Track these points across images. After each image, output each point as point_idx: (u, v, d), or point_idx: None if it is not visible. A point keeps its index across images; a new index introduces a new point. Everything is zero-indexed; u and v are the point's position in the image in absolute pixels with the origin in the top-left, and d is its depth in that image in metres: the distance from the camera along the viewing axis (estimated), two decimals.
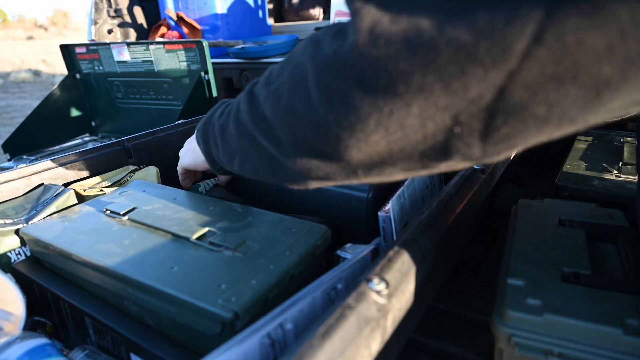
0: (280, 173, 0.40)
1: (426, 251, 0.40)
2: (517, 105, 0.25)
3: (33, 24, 17.36)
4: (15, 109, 5.36)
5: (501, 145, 0.28)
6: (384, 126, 0.28)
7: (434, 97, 0.26)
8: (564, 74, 0.23)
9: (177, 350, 0.41)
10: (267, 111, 0.37)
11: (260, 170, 0.42)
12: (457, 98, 0.26)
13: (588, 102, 0.24)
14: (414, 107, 0.27)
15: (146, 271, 0.43)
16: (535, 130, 0.26)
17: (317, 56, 0.31)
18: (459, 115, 0.26)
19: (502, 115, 0.26)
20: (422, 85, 0.26)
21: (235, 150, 0.44)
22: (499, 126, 0.26)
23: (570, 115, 0.25)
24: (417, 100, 0.26)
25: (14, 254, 0.57)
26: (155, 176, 0.74)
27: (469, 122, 0.27)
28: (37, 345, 0.42)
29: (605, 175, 0.80)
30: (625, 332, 0.38)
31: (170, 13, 1.68)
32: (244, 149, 0.42)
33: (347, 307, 0.30)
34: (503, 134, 0.27)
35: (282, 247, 0.46)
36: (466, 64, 0.24)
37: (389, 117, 0.28)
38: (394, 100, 0.27)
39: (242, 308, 0.38)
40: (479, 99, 0.25)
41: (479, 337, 0.70)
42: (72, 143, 1.52)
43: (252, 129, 0.40)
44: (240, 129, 0.42)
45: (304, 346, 0.27)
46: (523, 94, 0.24)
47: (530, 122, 0.26)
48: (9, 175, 0.64)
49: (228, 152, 0.46)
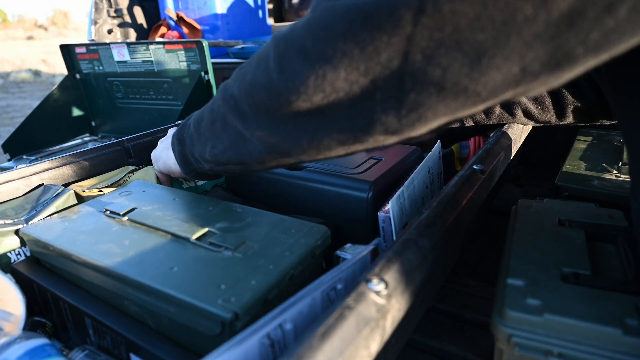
0: (242, 149, 0.45)
1: (426, 251, 0.40)
2: (419, 69, 0.29)
3: (33, 24, 17.35)
4: (15, 109, 5.36)
5: (413, 115, 0.31)
6: (321, 88, 0.33)
7: (355, 61, 0.30)
8: (448, 40, 0.27)
9: (177, 350, 0.41)
10: (235, 89, 0.42)
11: (228, 150, 0.47)
12: (373, 62, 0.30)
13: (472, 69, 0.27)
14: (341, 71, 0.31)
15: (146, 271, 0.43)
16: (438, 100, 0.30)
17: (278, 34, 0.36)
18: (377, 79, 0.30)
19: (409, 78, 0.29)
20: (344, 50, 0.30)
21: (209, 137, 0.49)
22: (408, 90, 0.30)
23: (462, 84, 0.28)
24: (342, 64, 0.31)
25: (14, 254, 0.57)
26: (155, 176, 0.74)
27: (386, 86, 0.30)
28: (37, 345, 0.42)
29: (605, 175, 0.80)
30: (624, 332, 0.38)
31: (170, 13, 1.68)
32: (216, 133, 0.47)
33: (346, 308, 0.30)
34: (412, 100, 0.30)
35: (281, 248, 0.46)
36: (373, 30, 0.29)
37: (323, 79, 0.32)
38: (325, 64, 0.32)
39: (241, 308, 0.38)
40: (389, 62, 0.29)
41: (478, 337, 0.70)
42: (72, 143, 1.52)
43: (223, 110, 0.45)
44: (214, 115, 0.47)
45: (303, 346, 0.27)
46: (421, 57, 0.28)
47: (431, 88, 0.29)
48: (9, 175, 0.64)
49: (202, 142, 0.50)
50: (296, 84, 0.34)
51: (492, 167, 0.60)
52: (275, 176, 0.67)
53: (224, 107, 0.44)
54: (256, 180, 0.70)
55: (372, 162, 0.66)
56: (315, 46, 0.32)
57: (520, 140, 0.78)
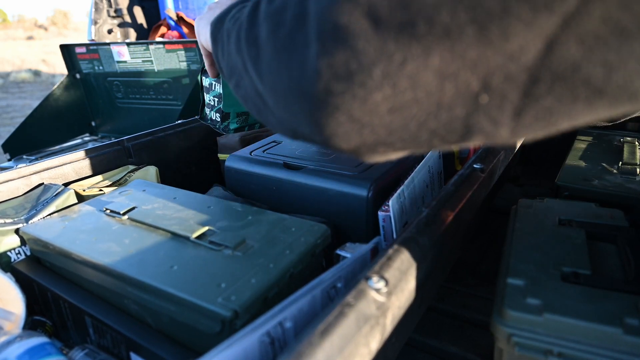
0: (263, 113, 0.34)
1: (426, 250, 0.40)
2: (569, 66, 0.20)
3: (33, 24, 17.36)
4: (15, 109, 5.37)
5: (537, 125, 0.22)
6: (392, 81, 0.22)
7: (462, 44, 0.20)
8: (632, 25, 0.18)
9: (177, 349, 0.41)
10: (261, 34, 0.30)
11: (250, 101, 0.36)
12: (492, 50, 0.20)
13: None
14: (434, 57, 0.21)
15: (146, 270, 0.43)
16: (584, 106, 0.21)
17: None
18: (490, 77, 0.21)
19: (547, 79, 0.20)
20: (449, 26, 0.20)
21: (233, 67, 0.38)
22: (541, 95, 0.21)
23: (633, 87, 0.20)
24: (439, 47, 0.20)
25: (14, 254, 0.57)
26: (155, 176, 0.74)
27: (502, 89, 0.21)
28: (37, 344, 0.42)
29: (605, 175, 0.80)
30: (625, 332, 0.38)
31: (170, 13, 1.68)
32: (239, 70, 0.36)
33: (346, 305, 0.30)
34: (544, 107, 0.21)
35: (281, 246, 0.46)
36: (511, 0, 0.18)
37: (400, 68, 0.21)
38: (410, 44, 0.21)
39: (241, 306, 0.38)
40: (520, 54, 0.20)
41: (478, 337, 0.70)
42: (72, 143, 1.52)
43: (245, 51, 0.33)
44: (239, 46, 0.35)
45: (303, 344, 0.27)
46: (577, 49, 0.19)
47: (580, 92, 0.20)
48: (9, 175, 0.64)
49: (228, 67, 0.40)
50: (350, 70, 0.23)
51: (492, 166, 0.60)
52: (275, 175, 0.67)
53: (245, 48, 0.33)
54: (256, 180, 0.70)
55: None
56: (395, 12, 0.21)
57: (520, 140, 0.78)
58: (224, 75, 0.42)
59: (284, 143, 0.77)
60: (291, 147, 0.74)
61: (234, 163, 0.72)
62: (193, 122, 0.90)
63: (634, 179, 0.78)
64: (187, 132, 0.87)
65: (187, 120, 0.90)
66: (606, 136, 1.02)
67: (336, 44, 0.23)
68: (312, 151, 0.71)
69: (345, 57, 0.22)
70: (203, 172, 0.91)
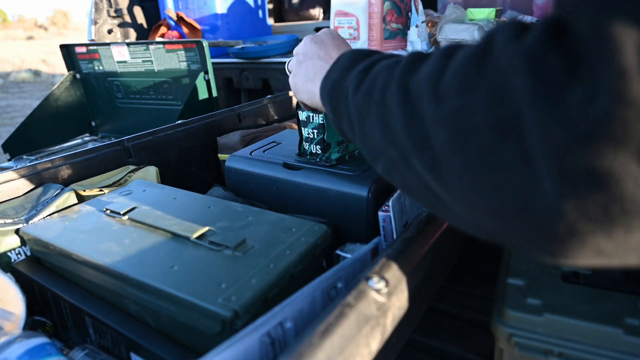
0: (436, 207, 0.31)
1: (426, 250, 0.40)
2: None
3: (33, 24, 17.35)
4: (15, 109, 5.36)
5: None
6: None
7: None
8: None
9: (177, 349, 0.41)
10: (437, 139, 0.26)
11: (413, 192, 0.32)
12: None
13: None
14: None
15: (146, 270, 0.43)
16: None
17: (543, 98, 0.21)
18: None
19: None
20: None
21: (380, 153, 0.34)
22: None
23: None
24: None
25: (14, 254, 0.57)
26: (155, 176, 0.74)
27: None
28: (37, 344, 0.42)
29: None
30: (625, 332, 0.38)
31: (170, 13, 1.68)
32: (393, 159, 0.32)
33: (346, 306, 0.30)
34: None
35: (282, 247, 0.46)
36: None
37: None
38: None
39: (242, 307, 0.38)
40: None
41: (478, 337, 0.70)
42: (72, 143, 1.52)
43: (406, 146, 0.29)
44: (388, 135, 0.32)
45: (303, 344, 0.27)
46: None
47: None
48: (9, 175, 0.64)
49: (368, 148, 0.36)
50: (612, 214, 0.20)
51: None
52: (275, 175, 0.67)
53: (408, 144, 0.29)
54: (257, 180, 0.70)
55: None
56: None
57: None
58: (355, 143, 0.39)
59: (284, 143, 0.77)
60: (291, 148, 0.74)
61: (234, 163, 0.72)
62: (193, 122, 0.90)
63: None
64: (187, 132, 0.87)
65: (187, 120, 0.90)
66: None
67: (590, 190, 0.20)
68: None
69: (604, 202, 0.20)
70: (203, 172, 0.91)
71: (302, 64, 0.52)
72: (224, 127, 0.95)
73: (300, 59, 0.53)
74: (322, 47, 0.51)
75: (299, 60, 0.53)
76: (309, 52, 0.51)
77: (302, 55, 0.52)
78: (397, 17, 1.28)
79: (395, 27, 1.29)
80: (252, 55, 1.53)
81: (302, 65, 0.52)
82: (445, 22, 1.21)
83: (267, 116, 1.07)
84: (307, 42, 0.53)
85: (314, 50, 0.51)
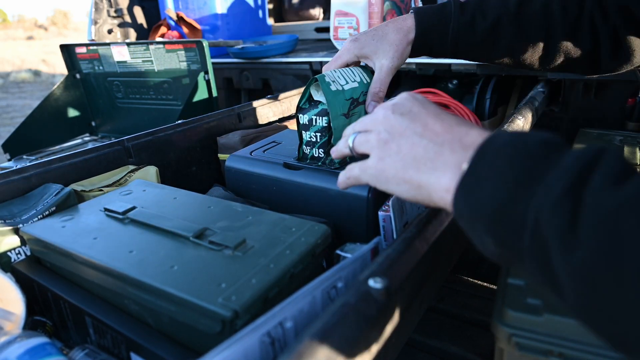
0: None
1: (426, 250, 0.40)
2: None
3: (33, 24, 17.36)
4: (15, 109, 5.37)
5: None
6: None
7: None
8: None
9: (177, 349, 0.41)
10: None
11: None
12: None
13: None
14: None
15: (146, 270, 0.43)
16: None
17: None
18: None
19: None
20: None
21: None
22: None
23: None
24: None
25: (14, 254, 0.57)
26: (155, 176, 0.74)
27: None
28: (37, 344, 0.42)
29: None
30: None
31: (170, 13, 1.68)
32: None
33: (346, 306, 0.30)
34: None
35: (282, 246, 0.46)
36: None
37: None
38: None
39: (242, 307, 0.38)
40: None
41: (479, 337, 0.70)
42: (72, 143, 1.52)
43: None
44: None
45: (303, 345, 0.27)
46: None
47: None
48: (9, 175, 0.64)
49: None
50: None
51: None
52: (276, 175, 0.67)
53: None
54: (256, 180, 0.70)
55: None
56: None
57: None
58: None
59: (284, 143, 0.77)
60: (291, 147, 0.74)
61: (234, 163, 0.72)
62: (193, 122, 0.90)
63: None
64: (187, 132, 0.87)
65: (187, 120, 0.90)
66: (606, 136, 1.02)
67: None
68: None
69: None
70: (203, 172, 0.91)
71: (390, 145, 0.39)
72: (224, 127, 0.95)
73: (383, 137, 0.39)
74: (417, 120, 0.38)
75: (383, 139, 0.40)
76: (397, 128, 0.39)
77: (387, 132, 0.39)
78: (397, 17, 1.28)
79: None
80: (252, 55, 1.53)
81: (389, 146, 0.39)
82: None
83: (267, 116, 1.08)
84: (387, 115, 0.40)
85: (405, 125, 0.38)
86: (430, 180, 0.35)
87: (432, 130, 0.37)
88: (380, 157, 0.40)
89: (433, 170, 0.35)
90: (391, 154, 0.38)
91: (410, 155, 0.37)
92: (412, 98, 0.41)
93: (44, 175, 0.67)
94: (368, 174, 0.41)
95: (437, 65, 1.18)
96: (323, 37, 1.98)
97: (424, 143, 0.36)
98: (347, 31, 1.36)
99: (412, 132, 0.37)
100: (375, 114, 0.42)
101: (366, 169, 0.41)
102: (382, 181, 0.40)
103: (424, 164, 0.36)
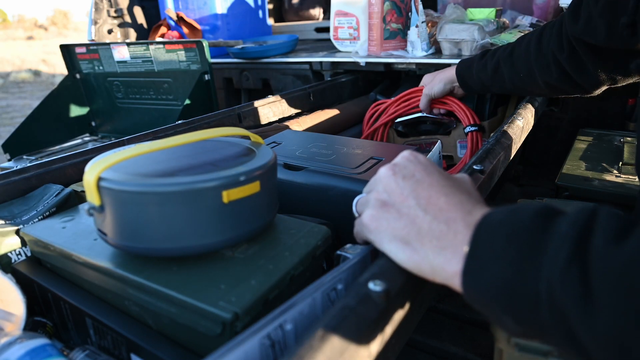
0: None
1: None
2: None
3: (33, 24, 17.36)
4: (15, 109, 5.37)
5: None
6: None
7: None
8: None
9: (178, 350, 0.41)
10: None
11: None
12: None
13: None
14: None
15: (146, 271, 0.43)
16: None
17: None
18: None
19: None
20: None
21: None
22: None
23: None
24: None
25: (15, 255, 0.57)
26: None
27: None
28: (38, 345, 0.42)
29: (605, 175, 0.80)
30: None
31: (170, 13, 1.68)
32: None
33: (347, 308, 0.30)
34: None
35: (282, 248, 0.47)
36: None
37: None
38: None
39: (242, 309, 0.38)
40: None
41: (478, 337, 0.71)
42: (72, 143, 1.52)
43: None
44: None
45: (303, 347, 0.27)
46: None
47: None
48: (9, 175, 0.64)
49: None
50: None
51: (492, 167, 0.60)
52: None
53: None
54: None
55: (372, 162, 0.67)
56: None
57: (520, 140, 0.78)
58: None
59: (284, 143, 0.77)
60: (291, 148, 0.74)
61: None
62: (193, 122, 0.90)
63: (634, 179, 0.78)
64: (187, 132, 0.87)
65: (187, 121, 0.90)
66: (606, 136, 1.02)
67: None
68: (312, 152, 0.71)
69: None
70: None
71: (388, 208, 0.38)
72: (224, 127, 0.94)
73: (382, 198, 0.38)
74: (419, 189, 0.37)
75: (383, 201, 0.38)
76: (397, 192, 0.38)
77: (386, 193, 0.38)
78: (397, 17, 1.28)
79: (395, 27, 1.29)
80: (252, 55, 1.53)
81: (389, 213, 0.37)
82: (445, 22, 1.21)
83: (267, 116, 1.07)
84: (388, 175, 0.39)
85: (406, 192, 0.37)
86: (436, 261, 0.34)
87: (436, 205, 0.35)
88: (374, 216, 0.39)
89: (440, 249, 0.34)
90: (389, 218, 0.37)
91: (414, 229, 0.36)
92: (415, 160, 0.39)
93: (44, 175, 0.67)
94: (363, 233, 0.41)
95: (437, 65, 1.18)
96: (323, 37, 1.98)
97: (428, 219, 0.35)
98: (347, 31, 1.36)
99: (415, 203, 0.36)
100: (377, 174, 0.41)
101: (362, 230, 0.41)
102: (377, 242, 0.39)
103: (430, 242, 0.34)
